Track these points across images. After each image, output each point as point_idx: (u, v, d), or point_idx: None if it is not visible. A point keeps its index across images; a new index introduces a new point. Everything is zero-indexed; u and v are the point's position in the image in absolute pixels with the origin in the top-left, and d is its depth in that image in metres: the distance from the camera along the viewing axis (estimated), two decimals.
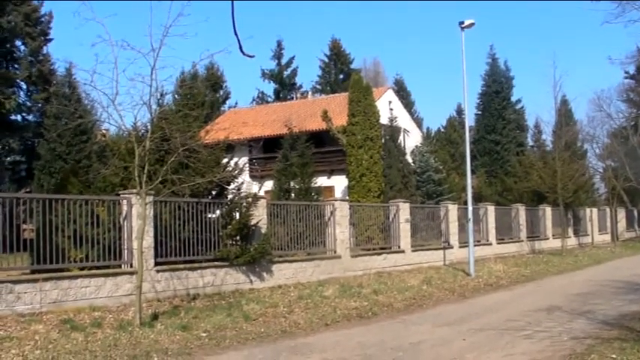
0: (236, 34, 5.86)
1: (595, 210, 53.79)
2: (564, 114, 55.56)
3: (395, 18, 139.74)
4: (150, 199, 15.98)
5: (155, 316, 14.82)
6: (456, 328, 14.52)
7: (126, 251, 16.65)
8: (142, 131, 16.65)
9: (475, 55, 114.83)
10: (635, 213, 64.49)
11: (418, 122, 64.24)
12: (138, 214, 15.61)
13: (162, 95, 16.74)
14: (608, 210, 56.35)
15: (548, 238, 42.90)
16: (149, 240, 16.64)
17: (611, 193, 58.33)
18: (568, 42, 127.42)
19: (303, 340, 13.36)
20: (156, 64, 14.12)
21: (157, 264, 17.09)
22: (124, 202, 16.94)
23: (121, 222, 16.89)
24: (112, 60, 13.98)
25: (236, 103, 67.63)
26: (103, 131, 34.74)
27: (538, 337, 13.02)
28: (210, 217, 19.22)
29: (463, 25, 26.90)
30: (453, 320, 15.83)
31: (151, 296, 16.56)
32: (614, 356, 10.67)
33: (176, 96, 31.46)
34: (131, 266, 16.34)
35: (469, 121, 62.37)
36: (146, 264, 15.99)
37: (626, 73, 70.21)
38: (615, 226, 56.08)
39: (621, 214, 59.81)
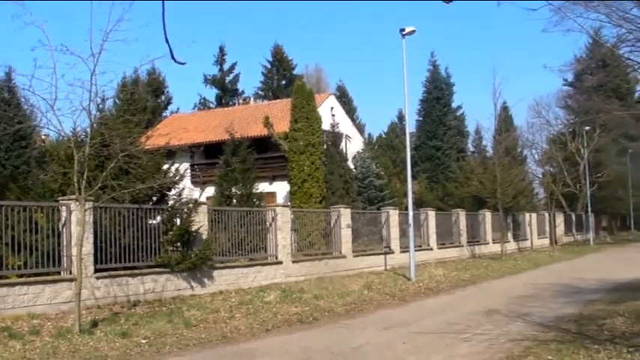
0: (167, 40, 5.87)
1: (534, 215, 54.62)
2: (504, 120, 56.35)
3: (337, 24, 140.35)
4: (89, 205, 15.82)
5: (95, 323, 14.69)
6: (397, 332, 14.64)
7: (65, 258, 16.47)
8: (82, 137, 16.48)
9: (417, 62, 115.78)
10: (574, 217, 65.55)
11: (360, 128, 64.51)
12: (77, 220, 15.44)
13: (103, 101, 16.62)
14: (547, 215, 57.16)
15: (488, 243, 43.44)
16: (89, 246, 16.51)
17: (549, 198, 59.22)
18: (509, 49, 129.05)
19: (245, 346, 13.35)
20: (96, 69, 14.03)
21: (96, 271, 16.95)
22: (63, 208, 16.76)
23: (60, 228, 16.70)
24: (51, 65, 13.87)
25: (178, 109, 67.21)
26: (43, 137, 34.33)
27: (477, 339, 13.19)
28: (151, 224, 19.12)
29: (404, 32, 27.10)
30: (395, 324, 15.95)
31: (91, 303, 16.43)
32: (550, 357, 10.88)
33: (117, 101, 31.20)
34: (70, 273, 16.15)
35: (410, 127, 62.97)
36: (85, 271, 15.85)
37: (565, 80, 71.71)
38: (554, 231, 56.91)
39: (560, 219, 60.80)
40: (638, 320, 14.23)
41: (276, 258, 23.88)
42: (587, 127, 60.46)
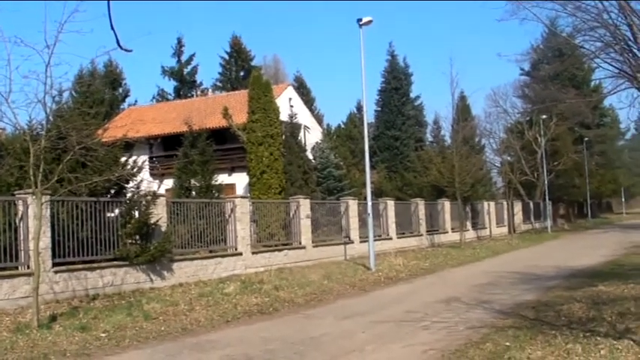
0: (112, 28, 5.83)
1: (492, 203, 54.98)
2: (462, 109, 56.63)
3: (295, 15, 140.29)
4: (46, 198, 15.68)
5: (53, 318, 14.60)
6: (357, 321, 14.74)
7: (22, 252, 16.30)
8: (38, 130, 16.34)
9: (375, 53, 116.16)
10: (532, 206, 66.14)
11: (319, 119, 64.42)
12: (34, 214, 15.29)
13: (59, 93, 16.47)
14: (505, 203, 57.66)
15: (447, 232, 43.72)
16: (46, 240, 16.37)
17: (507, 186, 59.78)
18: (466, 39, 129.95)
19: (205, 337, 13.36)
20: (51, 60, 13.86)
21: (54, 265, 16.81)
22: (20, 202, 16.58)
23: (17, 223, 16.52)
24: (5, 57, 13.72)
25: (136, 101, 66.59)
26: None
27: (436, 327, 13.33)
28: (109, 217, 19.00)
29: (361, 23, 27.16)
30: (354, 313, 16.05)
31: (50, 298, 16.29)
32: (507, 344, 11.02)
33: (74, 93, 30.91)
34: (28, 267, 15.99)
35: (369, 117, 63.27)
36: (43, 265, 15.72)
37: (522, 69, 72.10)
38: (512, 219, 57.47)
39: (518, 207, 61.32)
40: (595, 306, 14.43)
41: (236, 249, 23.87)
42: (544, 116, 60.97)
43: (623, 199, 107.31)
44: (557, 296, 16.87)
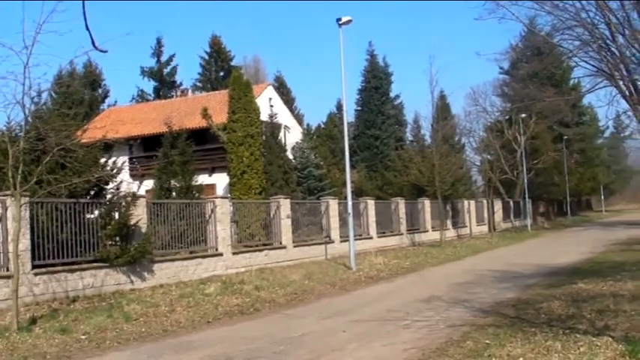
0: (87, 28, 5.81)
1: (473, 202, 55.14)
2: (442, 108, 56.77)
3: (275, 14, 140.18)
4: (25, 200, 15.62)
5: (33, 320, 14.54)
6: (338, 321, 14.78)
7: (1, 255, 16.22)
8: (16, 131, 16.27)
9: (355, 52, 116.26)
10: (511, 204, 66.39)
11: (299, 119, 64.35)
12: (13, 216, 15.23)
13: (39, 94, 16.40)
14: (485, 202, 57.83)
15: (427, 231, 43.82)
16: (26, 243, 16.28)
17: (487, 185, 59.92)
18: (446, 38, 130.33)
19: (186, 338, 13.36)
20: (29, 61, 13.79)
21: (34, 267, 16.71)
22: None
23: None
24: None
25: (115, 102, 66.22)
26: None
27: (417, 326, 13.38)
28: (89, 218, 18.92)
29: (341, 22, 27.23)
30: (336, 313, 16.09)
31: (29, 300, 16.21)
32: (488, 341, 11.09)
33: (53, 94, 30.76)
34: (7, 270, 15.91)
35: (349, 116, 63.37)
36: (23, 267, 15.63)
37: (501, 68, 72.54)
38: (492, 217, 57.65)
39: (498, 206, 61.48)
40: (574, 303, 14.54)
41: (217, 250, 23.85)
42: (524, 115, 61.19)
43: (602, 197, 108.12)
44: (537, 294, 16.97)
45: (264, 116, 37.41)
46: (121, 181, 21.30)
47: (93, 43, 6.06)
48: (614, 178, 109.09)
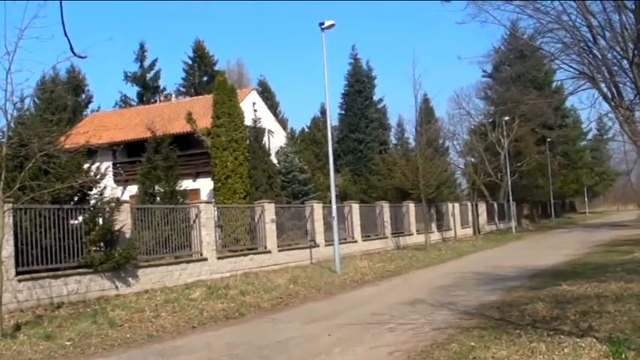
0: (66, 34, 5.80)
1: (457, 205, 55.30)
2: (425, 112, 57.06)
3: (257, 19, 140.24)
4: (8, 206, 15.53)
5: (18, 327, 14.47)
6: (323, 325, 14.75)
7: None
8: None
9: (338, 56, 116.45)
10: (496, 207, 66.60)
11: (283, 123, 64.33)
12: None
13: (21, 100, 16.33)
14: (469, 204, 58.01)
15: (412, 234, 43.93)
16: (9, 249, 16.20)
17: (472, 188, 60.15)
18: (429, 41, 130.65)
19: (171, 344, 13.32)
20: (11, 67, 13.75)
21: (18, 273, 16.67)
22: None
23: None
24: None
25: (99, 107, 66.11)
26: None
27: (402, 329, 13.37)
28: (73, 224, 18.87)
29: (323, 26, 27.27)
30: (321, 317, 16.07)
31: (13, 307, 16.16)
32: (472, 344, 11.09)
33: (36, 100, 30.59)
34: None
35: (333, 120, 63.41)
36: (7, 274, 15.56)
37: (484, 71, 73.00)
38: (477, 220, 57.84)
39: (482, 208, 61.71)
40: (558, 305, 14.56)
41: (201, 255, 23.83)
42: (507, 118, 61.56)
43: (586, 199, 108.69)
44: (521, 296, 16.99)
45: (248, 121, 37.39)
46: (105, 187, 21.25)
47: (72, 49, 6.06)
48: (598, 180, 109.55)
